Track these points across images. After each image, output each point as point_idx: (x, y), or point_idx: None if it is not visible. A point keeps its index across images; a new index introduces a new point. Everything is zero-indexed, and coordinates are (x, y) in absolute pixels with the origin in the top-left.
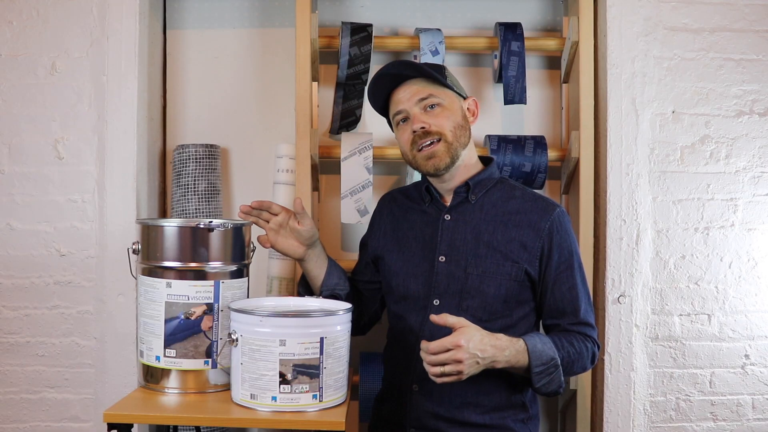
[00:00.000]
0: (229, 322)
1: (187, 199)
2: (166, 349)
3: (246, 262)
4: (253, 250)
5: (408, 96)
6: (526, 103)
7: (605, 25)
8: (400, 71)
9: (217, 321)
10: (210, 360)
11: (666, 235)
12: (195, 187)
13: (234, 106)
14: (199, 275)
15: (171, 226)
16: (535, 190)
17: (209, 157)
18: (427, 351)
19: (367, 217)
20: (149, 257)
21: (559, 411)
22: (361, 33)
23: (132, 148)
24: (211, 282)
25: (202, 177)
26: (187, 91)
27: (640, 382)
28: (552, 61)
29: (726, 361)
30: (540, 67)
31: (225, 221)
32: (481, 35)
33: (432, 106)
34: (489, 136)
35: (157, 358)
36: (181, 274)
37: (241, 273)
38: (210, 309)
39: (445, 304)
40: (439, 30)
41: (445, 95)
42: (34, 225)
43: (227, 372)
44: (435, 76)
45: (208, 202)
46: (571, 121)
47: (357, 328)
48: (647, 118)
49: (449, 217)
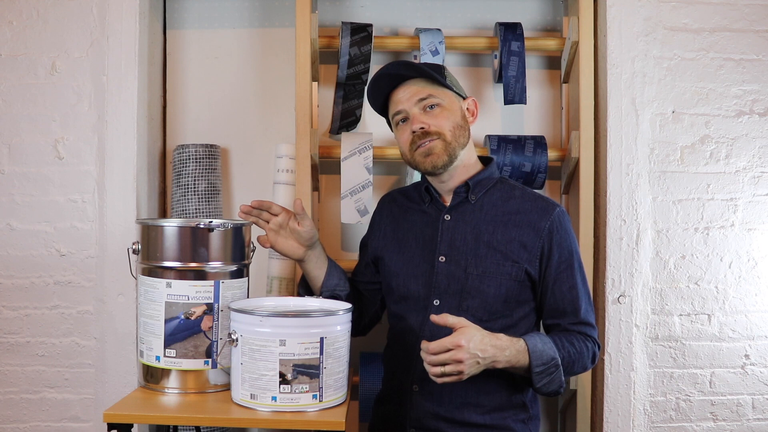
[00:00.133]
0: (229, 322)
1: (187, 199)
2: (166, 349)
3: (246, 262)
4: (253, 250)
5: (407, 96)
6: (526, 103)
7: (605, 25)
8: (399, 71)
9: (217, 321)
10: (210, 360)
11: (666, 235)
12: (195, 187)
13: (234, 106)
14: (199, 275)
15: (171, 226)
16: (535, 190)
17: (209, 157)
18: (428, 351)
19: (367, 217)
20: (149, 257)
21: (559, 411)
22: (361, 33)
23: (132, 148)
24: (211, 282)
25: (202, 177)
26: (187, 91)
27: (640, 382)
28: (552, 61)
29: (726, 361)
30: (540, 67)
31: (225, 221)
32: (481, 35)
33: (431, 107)
34: (489, 136)
35: (157, 358)
36: (181, 274)
37: (241, 273)
38: (210, 309)
39: (446, 304)
40: (439, 30)
41: (444, 95)
42: (34, 225)
43: (227, 372)
44: (434, 76)
45: (208, 202)
46: (571, 121)
47: (357, 329)
48: (647, 118)
49: (449, 217)
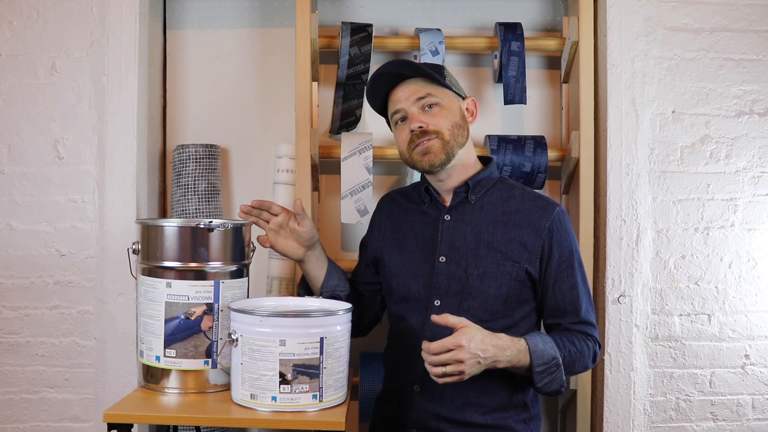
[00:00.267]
0: (229, 322)
1: (187, 199)
2: (166, 349)
3: (246, 262)
4: (253, 250)
5: (406, 95)
6: (526, 103)
7: (605, 25)
8: (398, 70)
9: (217, 321)
10: (210, 360)
11: (666, 235)
12: (195, 187)
13: (234, 106)
14: (199, 275)
15: (171, 226)
16: (535, 190)
17: (209, 157)
18: (429, 351)
19: (367, 217)
20: (149, 257)
21: (559, 411)
22: (361, 33)
23: (132, 148)
24: (211, 282)
25: (202, 177)
26: (187, 91)
27: (640, 382)
28: (552, 61)
29: (726, 361)
30: (540, 67)
31: (225, 221)
32: (481, 35)
33: (430, 106)
34: (489, 136)
35: (157, 358)
36: (181, 274)
37: (241, 273)
38: (210, 309)
39: (446, 304)
40: (439, 30)
41: (443, 95)
42: (34, 225)
43: (227, 372)
44: (433, 75)
45: (208, 202)
46: (571, 121)
47: (357, 329)
48: (647, 118)
49: (449, 217)
